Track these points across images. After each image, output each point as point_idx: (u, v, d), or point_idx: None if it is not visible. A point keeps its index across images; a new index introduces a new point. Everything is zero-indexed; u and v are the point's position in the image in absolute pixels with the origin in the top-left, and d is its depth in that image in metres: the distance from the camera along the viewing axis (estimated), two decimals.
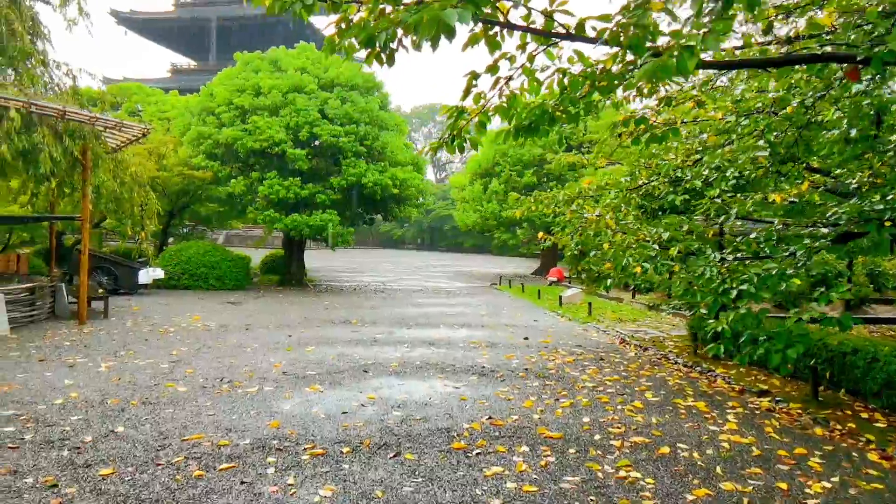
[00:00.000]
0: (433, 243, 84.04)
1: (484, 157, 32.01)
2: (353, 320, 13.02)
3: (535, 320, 13.93)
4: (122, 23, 73.21)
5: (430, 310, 15.46)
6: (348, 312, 14.40)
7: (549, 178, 30.56)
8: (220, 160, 20.34)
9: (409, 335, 11.22)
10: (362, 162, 20.03)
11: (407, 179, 20.86)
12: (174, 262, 19.32)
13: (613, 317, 14.48)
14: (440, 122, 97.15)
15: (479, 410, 6.31)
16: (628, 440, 5.33)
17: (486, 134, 5.00)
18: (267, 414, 5.99)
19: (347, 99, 20.64)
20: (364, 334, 11.19)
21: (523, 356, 9.42)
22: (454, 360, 9.01)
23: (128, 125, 11.34)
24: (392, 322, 12.94)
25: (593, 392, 7.14)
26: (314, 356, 8.98)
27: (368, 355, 9.16)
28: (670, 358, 9.24)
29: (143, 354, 8.79)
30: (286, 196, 19.22)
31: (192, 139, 20.17)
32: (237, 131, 19.49)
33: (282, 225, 19.30)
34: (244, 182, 19.71)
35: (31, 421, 5.55)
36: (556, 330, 12.42)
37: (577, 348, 10.25)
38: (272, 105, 19.96)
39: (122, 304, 14.60)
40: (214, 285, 19.45)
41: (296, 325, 12.18)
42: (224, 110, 20.24)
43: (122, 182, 13.36)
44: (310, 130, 19.50)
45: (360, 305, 16.12)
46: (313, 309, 15.00)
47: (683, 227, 6.34)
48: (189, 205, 23.12)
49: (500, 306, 16.78)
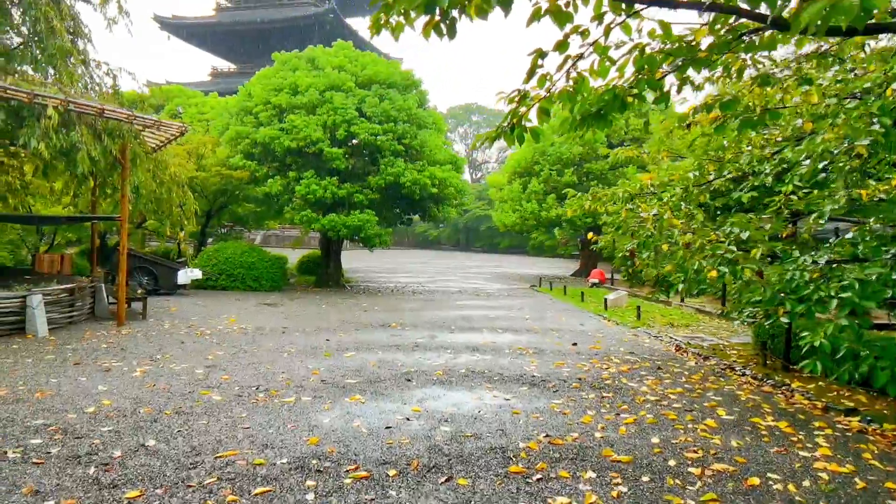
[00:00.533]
0: (468, 244, 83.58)
1: (522, 156, 31.36)
2: (392, 323, 12.60)
3: (582, 324, 13.29)
4: (166, 28, 74.79)
5: (471, 312, 14.96)
6: (387, 315, 14.00)
7: (590, 178, 29.74)
8: (258, 160, 20.23)
9: (451, 340, 10.74)
10: (400, 161, 19.65)
11: (446, 178, 20.39)
12: (212, 263, 19.26)
13: (663, 321, 13.73)
14: (476, 123, 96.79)
15: (535, 426, 5.77)
16: (709, 467, 4.72)
17: (548, 122, 4.46)
18: (305, 428, 5.57)
19: (385, 97, 20.29)
20: (405, 339, 10.75)
21: (574, 364, 8.83)
22: (501, 368, 8.48)
23: (166, 124, 11.15)
24: (433, 326, 12.47)
25: (657, 407, 6.52)
26: (353, 363, 8.57)
27: (410, 362, 8.70)
28: (736, 369, 8.52)
29: (179, 358, 8.50)
30: (323, 196, 18.97)
31: (230, 139, 20.10)
32: (274, 130, 19.34)
33: (319, 225, 19.06)
34: (281, 182, 19.54)
35: (59, 432, 5.24)
36: (605, 335, 11.76)
37: (631, 356, 9.60)
38: (309, 103, 19.74)
39: (161, 305, 14.50)
40: (251, 286, 19.33)
41: (333, 328, 11.82)
42: (261, 109, 20.12)
43: (160, 182, 13.24)
44: (347, 129, 19.21)
45: (398, 308, 15.71)
46: (351, 311, 14.65)
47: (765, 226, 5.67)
48: (227, 205, 23.11)
49: (543, 309, 16.17)
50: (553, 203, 29.21)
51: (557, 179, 29.67)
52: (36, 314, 9.92)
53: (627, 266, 10.20)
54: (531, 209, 29.37)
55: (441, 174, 20.14)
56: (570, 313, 15.39)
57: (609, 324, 13.59)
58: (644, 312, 14.81)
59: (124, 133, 10.62)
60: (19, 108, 9.19)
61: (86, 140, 9.65)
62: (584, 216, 28.41)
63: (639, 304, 15.23)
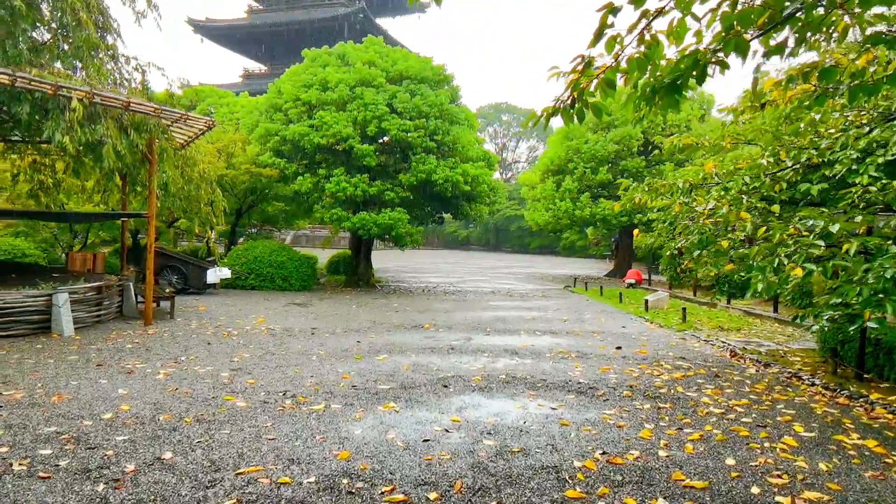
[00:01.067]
0: (498, 244, 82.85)
1: (556, 153, 30.62)
2: (425, 325, 12.09)
3: (623, 327, 12.59)
4: (199, 31, 75.83)
5: (506, 314, 14.37)
6: (419, 316, 13.51)
7: (625, 175, 28.86)
8: (287, 157, 19.95)
9: (488, 343, 10.18)
10: (432, 158, 19.15)
11: (479, 176, 19.83)
12: (241, 262, 19.03)
13: (711, 324, 12.94)
14: (506, 122, 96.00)
15: (588, 441, 5.18)
16: (799, 496, 4.07)
17: (613, 96, 3.87)
18: (335, 439, 5.07)
19: (416, 92, 19.82)
20: (439, 341, 10.22)
21: (621, 370, 8.19)
22: (544, 373, 7.89)
23: (192, 118, 10.83)
24: (468, 327, 11.92)
25: (724, 421, 5.86)
26: (386, 366, 8.07)
27: (446, 366, 8.17)
28: (803, 378, 7.77)
29: (204, 360, 8.12)
30: (353, 194, 18.58)
31: (260, 136, 19.86)
32: (304, 127, 19.02)
33: (349, 224, 18.67)
34: (311, 180, 19.20)
35: (72, 441, 4.84)
36: (650, 338, 11.06)
37: (682, 361, 8.91)
38: (339, 99, 19.38)
39: (190, 304, 14.24)
40: (280, 286, 19.05)
41: (364, 329, 11.36)
42: (291, 106, 19.83)
43: (189, 179, 12.98)
44: (378, 125, 18.79)
45: (430, 308, 15.21)
46: (382, 312, 14.19)
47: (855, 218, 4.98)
48: (256, 203, 22.92)
49: (581, 310, 15.49)
50: (587, 201, 28.43)
51: (592, 177, 28.87)
52: (62, 313, 9.67)
53: (675, 265, 9.53)
54: (565, 208, 28.62)
55: (474, 171, 19.59)
56: (609, 315, 14.69)
57: (652, 326, 12.86)
58: (689, 314, 14.03)
59: (151, 127, 10.32)
60: (44, 100, 8.93)
61: (111, 134, 9.36)
62: (619, 215, 27.57)
63: (683, 306, 14.46)
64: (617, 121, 29.34)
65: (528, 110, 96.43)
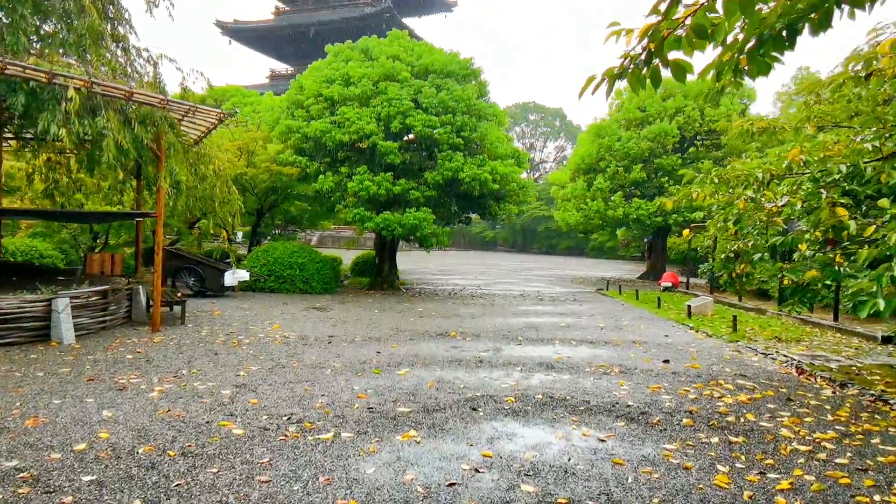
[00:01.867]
0: (525, 245, 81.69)
1: (586, 151, 29.48)
2: (450, 332, 11.20)
3: (666, 336, 11.53)
4: (227, 33, 76.25)
5: (537, 320, 13.39)
6: (445, 322, 12.62)
7: (660, 174, 27.61)
8: (309, 155, 19.26)
9: (519, 354, 9.23)
10: (459, 155, 18.26)
11: (508, 174, 18.86)
12: (260, 264, 18.38)
13: (766, 334, 11.79)
14: (533, 122, 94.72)
15: (652, 489, 4.22)
16: None
17: (702, 49, 2.93)
18: (342, 482, 4.20)
19: (442, 87, 18.96)
20: (466, 351, 9.32)
21: (674, 389, 7.18)
22: (585, 392, 6.93)
23: (204, 109, 10.10)
24: (496, 335, 11.00)
25: (814, 462, 4.84)
26: (407, 383, 7.19)
27: (474, 383, 7.26)
28: (890, 402, 6.67)
29: (207, 374, 7.34)
30: (377, 193, 17.78)
31: (281, 133, 19.20)
32: (326, 124, 18.30)
33: (372, 224, 17.87)
34: (333, 178, 18.47)
35: (30, 482, 4.06)
36: (700, 350, 9.99)
37: (744, 380, 7.85)
38: (362, 95, 18.62)
39: (204, 308, 13.58)
40: (301, 288, 18.35)
41: (386, 337, 10.51)
42: (312, 102, 19.15)
43: (202, 177, 12.31)
44: (402, 121, 17.97)
45: (456, 313, 14.31)
46: (406, 317, 13.34)
47: None
48: (278, 203, 22.27)
49: (617, 316, 14.42)
50: (620, 201, 27.24)
51: (625, 176, 27.67)
52: (61, 319, 9.01)
53: (730, 269, 8.50)
54: (596, 207, 27.46)
55: (503, 169, 18.63)
56: (648, 322, 13.61)
57: (699, 336, 11.76)
58: (738, 322, 12.90)
59: (157, 121, 9.62)
60: (40, 90, 8.27)
61: (113, 126, 8.66)
62: (653, 215, 26.31)
63: (733, 314, 13.31)
64: (651, 117, 28.09)
65: (556, 110, 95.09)
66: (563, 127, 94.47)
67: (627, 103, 29.01)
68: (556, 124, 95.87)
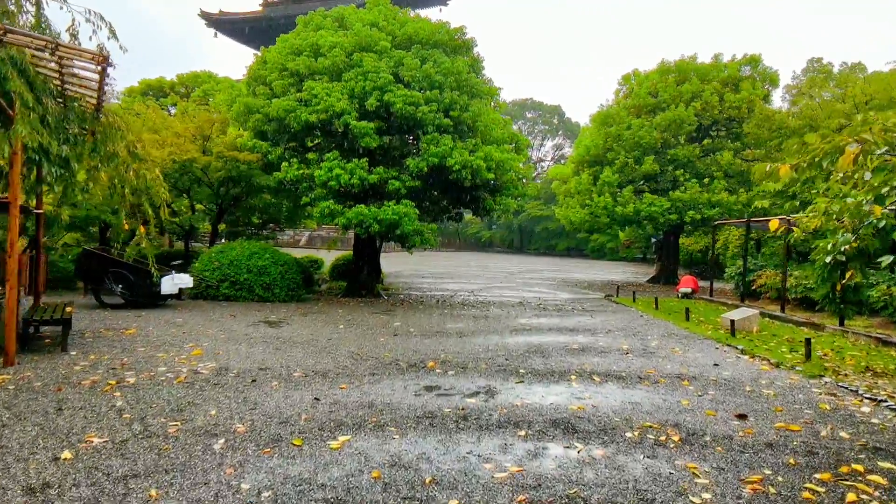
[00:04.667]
0: (523, 246, 79.00)
1: (592, 141, 26.66)
2: (428, 361, 8.33)
3: (717, 365, 8.68)
4: (212, 25, 73.32)
5: (542, 339, 10.55)
6: (424, 343, 9.76)
7: (675, 165, 24.81)
8: (272, 140, 16.39)
9: (522, 401, 6.38)
10: (447, 138, 15.41)
11: (504, 161, 16.02)
12: (213, 267, 15.50)
13: (850, 363, 8.92)
14: (531, 119, 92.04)
15: None
16: None
17: None
18: None
19: (428, 58, 16.11)
20: (445, 397, 6.46)
21: (788, 485, 4.33)
22: (636, 485, 4.08)
23: (67, 47, 7.17)
24: (490, 366, 8.13)
25: None
26: (338, 471, 4.32)
27: (451, 471, 4.39)
28: None
29: (8, 455, 4.46)
30: (349, 182, 14.93)
31: (238, 114, 16.30)
32: (290, 101, 15.42)
33: (343, 220, 14.99)
34: (298, 166, 15.62)
35: None
36: (779, 394, 7.13)
37: (882, 458, 5.00)
38: (333, 67, 15.76)
39: (118, 325, 10.69)
40: (261, 295, 15.48)
41: (337, 371, 7.64)
42: (276, 77, 16.27)
43: (109, 156, 9.44)
44: (380, 97, 15.11)
45: (441, 329, 11.45)
46: (375, 336, 10.47)
47: None
48: (242, 197, 19.38)
49: (641, 333, 11.59)
50: (630, 196, 24.41)
51: (635, 168, 24.86)
52: None
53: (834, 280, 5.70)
54: (604, 203, 24.63)
55: (498, 155, 15.78)
56: (682, 341, 10.78)
57: (760, 365, 8.92)
58: (798, 342, 10.08)
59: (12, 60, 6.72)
60: None
61: None
62: (667, 212, 23.41)
63: (788, 330, 10.50)
64: (664, 102, 25.28)
65: (554, 107, 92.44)
66: (562, 124, 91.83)
67: (637, 88, 26.20)
68: (554, 122, 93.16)
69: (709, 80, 25.33)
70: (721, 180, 23.93)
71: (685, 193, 23.58)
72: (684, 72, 25.90)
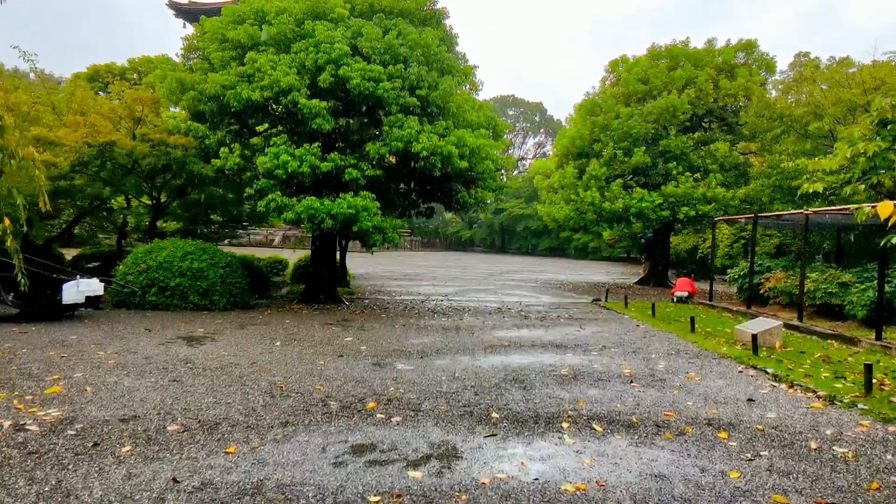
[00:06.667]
0: (504, 245, 77.20)
1: (577, 132, 24.68)
2: (370, 401, 6.18)
3: (751, 400, 6.64)
4: (181, 15, 70.01)
5: (523, 360, 8.45)
6: (372, 371, 7.60)
7: (667, 158, 22.92)
8: (210, 122, 14.10)
9: (493, 475, 4.25)
10: (413, 120, 13.24)
11: (480, 148, 13.88)
12: (137, 271, 13.17)
13: None
14: (513, 117, 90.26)
15: None
16: None
17: None
18: None
19: (392, 28, 13.95)
20: (378, 468, 4.31)
21: None
22: None
23: None
24: (452, 407, 6.00)
25: None
26: None
27: None
28: None
29: None
30: (299, 171, 12.70)
31: (169, 91, 13.96)
32: (230, 76, 13.15)
33: (292, 214, 12.75)
34: (240, 152, 13.36)
35: None
36: (854, 451, 5.12)
37: None
38: (280, 36, 13.52)
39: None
40: (196, 303, 13.20)
41: (239, 417, 5.45)
42: (215, 49, 13.98)
43: None
44: (334, 72, 12.90)
45: (400, 347, 9.30)
46: (315, 357, 8.29)
47: None
48: (186, 189, 16.97)
49: (643, 350, 9.55)
50: (618, 191, 22.44)
51: (624, 160, 22.92)
52: None
53: None
54: (590, 199, 22.63)
55: (473, 141, 13.63)
56: (693, 360, 8.75)
57: (803, 397, 6.90)
58: (840, 364, 8.12)
59: None
60: None
61: None
62: (659, 208, 21.40)
63: (835, 353, 8.52)
64: (656, 89, 23.38)
65: (536, 104, 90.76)
66: (544, 122, 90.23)
67: (626, 75, 24.25)
68: (536, 119, 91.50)
69: (702, 66, 23.50)
70: (717, 174, 22.09)
71: (678, 188, 21.69)
72: (676, 57, 24.05)
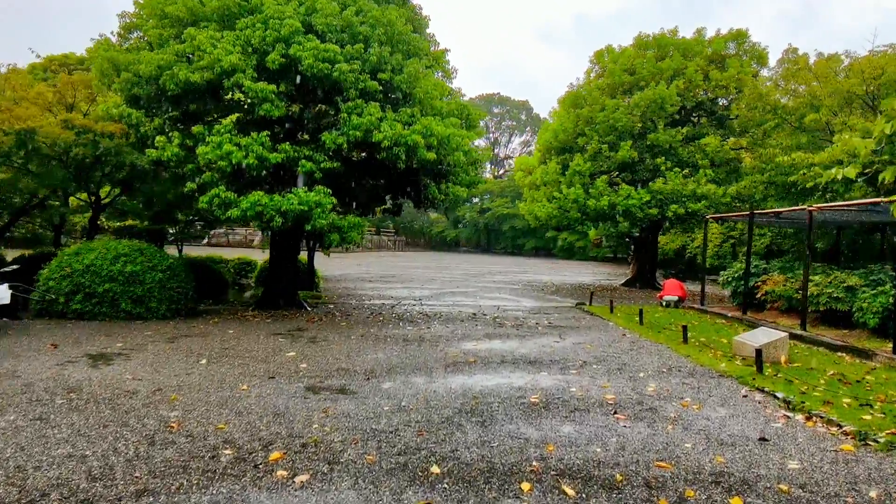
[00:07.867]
0: (490, 245, 75.96)
1: (560, 125, 23.37)
2: (275, 450, 4.75)
3: (764, 440, 5.32)
4: None
5: (487, 383, 7.07)
6: (298, 401, 6.17)
7: (655, 152, 21.66)
8: (146, 108, 12.59)
9: None
10: (374, 107, 11.82)
11: (449, 137, 12.48)
12: (62, 275, 11.65)
13: None
14: (498, 115, 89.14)
15: None
16: None
17: None
18: None
19: (350, 3, 12.52)
20: None
21: None
22: None
23: None
24: (380, 460, 4.60)
25: None
26: None
27: None
28: None
29: None
30: (246, 162, 11.24)
31: (101, 72, 12.43)
32: (167, 55, 11.66)
33: (237, 212, 11.28)
34: (179, 141, 11.88)
35: None
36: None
37: None
38: (223, 10, 12.05)
39: None
40: (131, 311, 11.70)
41: (81, 487, 4.02)
42: (153, 25, 12.47)
43: None
44: (284, 51, 11.47)
45: (347, 367, 7.87)
46: (238, 382, 6.84)
47: None
48: (133, 183, 15.42)
49: (629, 366, 8.21)
50: (604, 188, 21.14)
51: (610, 155, 21.65)
52: None
53: None
54: (574, 196, 21.31)
55: (442, 130, 12.23)
56: (688, 380, 7.43)
57: (828, 434, 5.59)
58: (859, 385, 6.84)
59: None
60: None
61: None
62: (647, 205, 20.05)
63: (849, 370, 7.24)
64: (643, 80, 22.12)
65: (522, 102, 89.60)
66: (530, 120, 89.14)
67: (612, 65, 22.96)
68: (521, 118, 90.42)
69: (692, 56, 22.31)
70: (707, 169, 20.88)
71: (667, 184, 20.45)
72: (664, 47, 22.82)
